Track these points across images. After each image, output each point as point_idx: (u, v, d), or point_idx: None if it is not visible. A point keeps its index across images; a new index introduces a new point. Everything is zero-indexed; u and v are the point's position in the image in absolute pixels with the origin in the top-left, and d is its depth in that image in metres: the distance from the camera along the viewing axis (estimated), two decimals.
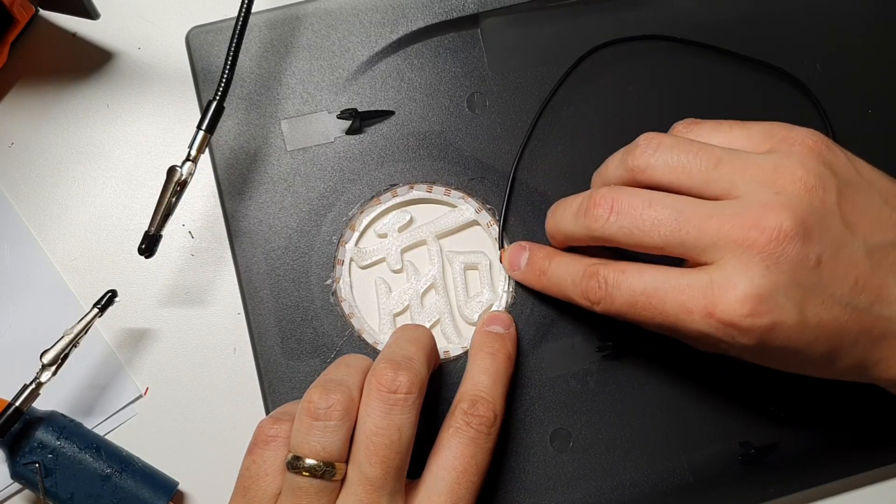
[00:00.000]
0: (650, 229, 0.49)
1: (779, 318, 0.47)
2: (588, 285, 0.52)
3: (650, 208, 0.49)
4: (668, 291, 0.49)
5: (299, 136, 0.60)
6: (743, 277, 0.47)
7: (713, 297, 0.47)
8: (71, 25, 0.63)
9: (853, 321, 0.48)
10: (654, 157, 0.51)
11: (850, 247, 0.49)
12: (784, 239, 0.47)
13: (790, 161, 0.49)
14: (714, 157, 0.50)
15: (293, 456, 0.48)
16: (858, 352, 0.50)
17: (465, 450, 0.52)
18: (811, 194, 0.48)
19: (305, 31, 0.61)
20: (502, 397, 0.55)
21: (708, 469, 0.58)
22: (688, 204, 0.49)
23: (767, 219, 0.47)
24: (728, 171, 0.50)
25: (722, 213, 0.48)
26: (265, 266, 0.59)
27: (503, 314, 0.59)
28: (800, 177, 0.49)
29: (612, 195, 0.51)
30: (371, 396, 0.49)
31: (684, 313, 0.48)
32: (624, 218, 0.50)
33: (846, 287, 0.48)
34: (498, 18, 0.62)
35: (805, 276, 0.47)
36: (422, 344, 0.53)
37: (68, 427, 0.57)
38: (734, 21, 0.63)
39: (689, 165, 0.50)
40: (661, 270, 0.50)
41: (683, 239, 0.49)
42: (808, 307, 0.47)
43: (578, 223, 0.52)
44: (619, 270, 0.51)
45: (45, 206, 0.62)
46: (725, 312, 0.47)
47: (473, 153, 0.61)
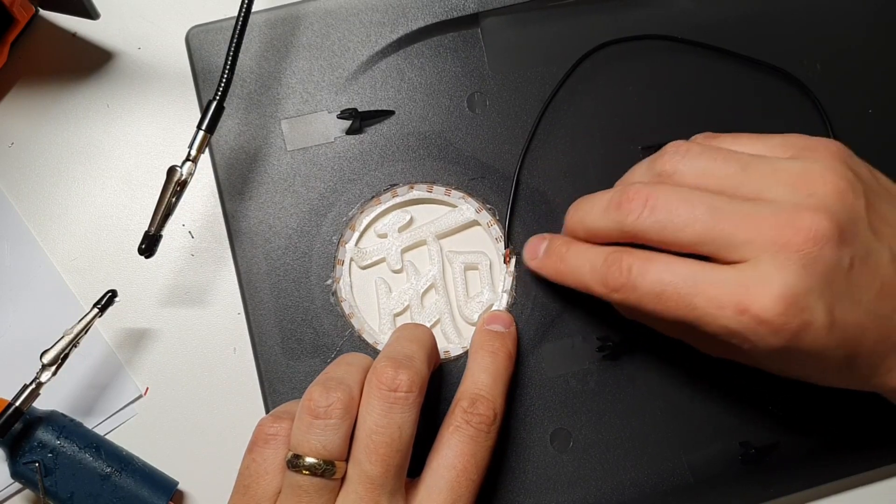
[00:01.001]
0: (684, 225, 0.49)
1: (810, 319, 0.46)
2: (609, 271, 0.51)
3: (685, 204, 0.49)
4: (700, 284, 0.48)
5: (299, 135, 0.60)
6: (778, 276, 0.46)
7: (748, 293, 0.46)
8: (71, 25, 0.63)
9: (874, 327, 0.48)
10: (683, 162, 0.51)
11: (877, 253, 0.48)
12: (820, 240, 0.46)
13: (818, 165, 0.49)
14: (742, 162, 0.50)
15: (293, 454, 0.48)
16: (874, 359, 0.49)
17: (465, 448, 0.52)
18: (842, 198, 0.48)
19: (305, 30, 0.61)
20: (502, 396, 0.54)
21: (708, 469, 0.58)
22: (723, 201, 0.49)
23: (803, 219, 0.47)
24: (757, 175, 0.50)
25: (757, 212, 0.48)
26: (265, 266, 0.59)
27: (503, 313, 0.59)
28: (830, 180, 0.48)
29: (648, 190, 0.50)
30: (372, 395, 0.49)
31: (715, 308, 0.47)
32: (659, 213, 0.49)
33: (872, 293, 0.48)
34: (498, 18, 0.62)
35: (838, 279, 0.47)
36: (423, 343, 0.53)
37: (68, 426, 0.57)
38: (734, 21, 0.63)
39: (717, 171, 0.50)
40: (692, 263, 0.49)
41: (717, 236, 0.48)
42: (837, 311, 0.47)
43: (608, 217, 0.52)
44: (646, 259, 0.50)
45: (45, 206, 0.62)
46: (761, 309, 0.46)
47: (474, 153, 0.61)
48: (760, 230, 0.47)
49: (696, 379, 0.59)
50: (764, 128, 0.60)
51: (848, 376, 0.51)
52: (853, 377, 0.51)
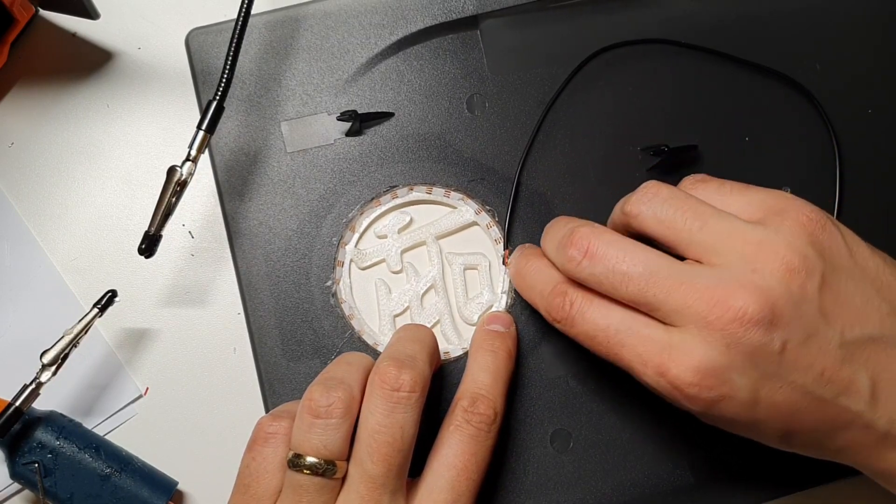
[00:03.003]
0: (619, 283, 0.48)
1: (728, 393, 0.46)
2: (552, 302, 0.51)
3: (622, 263, 0.48)
4: (628, 337, 0.48)
5: (299, 137, 0.60)
6: (699, 349, 0.46)
7: (668, 358, 0.46)
8: (71, 25, 0.63)
9: (813, 408, 0.47)
10: (646, 206, 0.50)
11: (822, 337, 0.47)
12: (747, 322, 0.45)
13: (777, 237, 0.47)
14: (701, 220, 0.49)
15: (294, 454, 0.48)
16: (818, 436, 0.48)
17: (465, 447, 0.51)
18: (790, 277, 0.46)
19: (305, 32, 0.61)
20: (503, 395, 0.54)
21: (709, 470, 0.58)
22: (662, 265, 0.48)
23: (735, 299, 0.45)
24: (712, 236, 0.48)
25: (693, 281, 0.47)
26: (265, 268, 0.58)
27: (503, 314, 0.58)
28: (782, 255, 0.47)
29: (590, 239, 0.49)
30: (374, 394, 0.49)
31: (639, 364, 0.47)
32: (596, 265, 0.49)
33: (810, 377, 0.46)
34: (497, 20, 0.62)
35: (765, 360, 0.46)
36: (424, 343, 0.53)
37: (68, 427, 0.56)
38: (734, 23, 0.63)
39: (676, 223, 0.49)
40: (627, 314, 0.49)
41: (649, 300, 0.47)
42: (762, 389, 0.46)
43: (556, 255, 0.51)
44: (588, 299, 0.50)
45: (45, 206, 0.61)
46: (676, 377, 0.46)
47: (473, 155, 0.60)
48: (690, 301, 0.46)
49: None
50: (765, 129, 0.61)
51: (795, 446, 0.50)
52: (801, 447, 0.50)
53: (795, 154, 0.60)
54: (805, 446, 0.50)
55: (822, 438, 0.48)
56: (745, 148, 0.61)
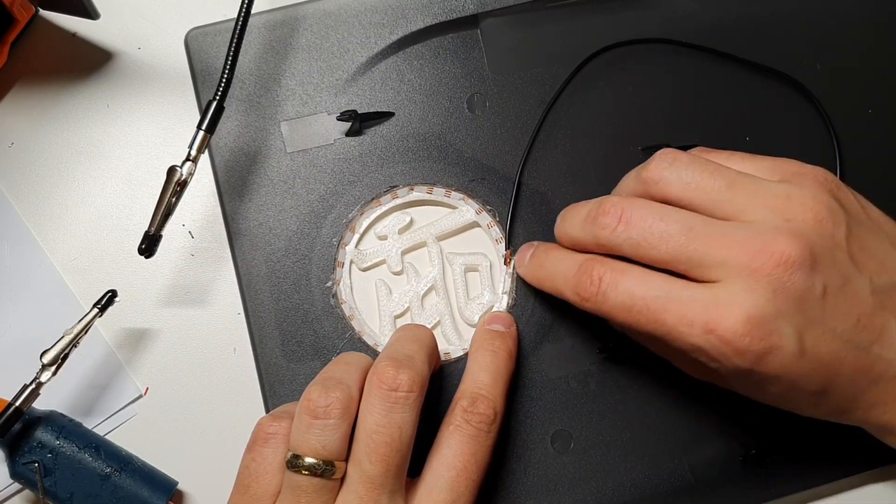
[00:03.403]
0: (658, 242, 0.48)
1: (777, 343, 0.46)
2: (580, 280, 0.50)
3: (660, 221, 0.48)
4: (670, 301, 0.47)
5: (299, 137, 0.59)
6: (747, 299, 0.46)
7: (716, 313, 0.46)
8: (71, 25, 0.63)
9: (851, 359, 0.47)
10: (669, 170, 0.50)
11: (855, 283, 0.48)
12: (791, 266, 0.46)
13: (802, 192, 0.48)
14: (728, 179, 0.49)
15: (293, 454, 0.48)
16: (852, 391, 0.48)
17: (464, 447, 0.51)
18: (821, 226, 0.47)
19: (305, 32, 0.61)
20: (503, 395, 0.54)
21: (709, 470, 0.57)
22: (698, 221, 0.48)
23: (776, 244, 0.46)
24: (740, 194, 0.49)
25: (732, 233, 0.47)
26: (265, 268, 0.58)
27: (504, 314, 0.58)
28: (811, 207, 0.48)
29: (623, 204, 0.49)
30: (372, 394, 0.48)
31: (684, 325, 0.47)
32: (633, 229, 0.49)
33: (849, 323, 0.47)
34: (497, 19, 0.61)
35: (809, 306, 0.46)
36: (423, 343, 0.53)
37: (67, 427, 0.56)
38: (734, 22, 0.62)
39: (702, 183, 0.49)
40: (665, 279, 0.48)
41: (691, 255, 0.47)
42: (807, 337, 0.46)
43: (586, 230, 0.51)
44: (619, 271, 0.49)
45: (45, 206, 0.61)
46: (727, 330, 0.46)
47: (473, 154, 0.60)
48: (733, 253, 0.47)
49: (697, 379, 0.57)
50: (765, 129, 0.61)
51: (826, 407, 0.50)
52: (831, 409, 0.50)
53: (795, 153, 0.59)
54: (836, 407, 0.50)
55: (856, 394, 0.49)
56: (746, 147, 0.60)
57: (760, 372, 0.46)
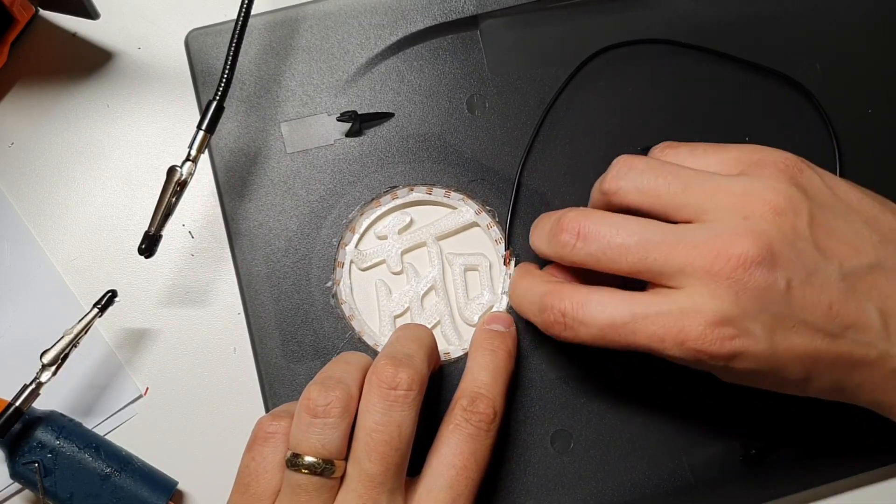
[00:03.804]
0: (617, 256, 0.48)
1: (747, 341, 0.46)
2: (545, 318, 0.50)
3: (616, 235, 0.48)
4: (636, 321, 0.47)
5: (299, 138, 0.59)
6: (710, 304, 0.46)
7: (683, 325, 0.46)
8: (71, 25, 0.62)
9: (828, 347, 0.47)
10: (625, 180, 0.50)
11: (822, 272, 0.47)
12: (750, 266, 0.46)
13: (760, 184, 0.48)
14: (683, 181, 0.49)
15: (292, 453, 0.47)
16: (835, 375, 0.48)
17: (464, 446, 0.50)
18: (780, 219, 0.47)
19: (305, 33, 0.60)
20: (502, 394, 0.53)
21: (709, 470, 0.57)
22: (655, 231, 0.48)
23: (734, 246, 0.46)
24: (697, 196, 0.49)
25: (689, 239, 0.47)
26: (265, 269, 0.58)
27: (504, 314, 0.57)
28: (769, 200, 0.47)
29: (580, 220, 0.49)
30: (372, 393, 0.48)
31: (656, 342, 0.47)
32: (591, 244, 0.49)
33: (819, 312, 0.47)
34: (497, 20, 0.61)
35: (774, 302, 0.46)
36: (423, 342, 0.52)
37: (67, 427, 0.56)
38: (734, 23, 0.62)
39: (658, 189, 0.49)
40: (627, 299, 0.48)
41: (651, 266, 0.47)
42: (778, 333, 0.46)
43: (550, 247, 0.51)
44: (579, 304, 0.49)
45: (45, 206, 0.61)
46: (696, 340, 0.46)
47: (473, 155, 0.60)
48: (691, 259, 0.47)
49: (697, 380, 0.56)
50: (765, 129, 0.61)
51: (811, 390, 0.50)
52: (819, 391, 0.50)
53: (795, 154, 0.60)
54: (825, 389, 0.49)
55: (841, 378, 0.48)
56: None
57: (738, 368, 0.47)
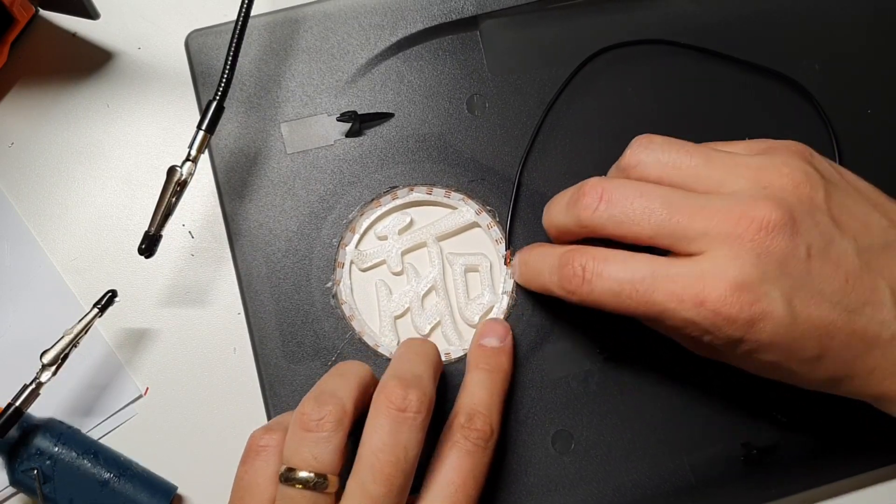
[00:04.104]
0: (640, 218, 0.48)
1: (768, 307, 0.45)
2: (563, 273, 0.50)
3: (641, 198, 0.48)
4: (657, 280, 0.47)
5: (299, 138, 0.59)
6: (732, 267, 0.46)
7: (704, 285, 0.46)
8: (71, 25, 0.62)
9: (844, 322, 0.47)
10: (645, 153, 0.50)
11: (839, 244, 0.47)
12: (773, 230, 0.46)
13: (776, 160, 0.49)
14: (704, 156, 0.50)
15: (286, 468, 0.47)
16: (848, 355, 0.48)
17: (462, 464, 0.50)
18: (799, 189, 0.48)
19: (304, 34, 0.60)
20: (499, 411, 0.53)
21: (710, 470, 0.57)
22: (677, 195, 0.48)
23: (756, 210, 0.46)
24: (717, 168, 0.49)
25: (712, 204, 0.47)
26: (265, 269, 0.57)
27: (499, 324, 0.57)
28: (786, 173, 0.48)
29: (603, 184, 0.49)
30: (380, 413, 0.47)
31: (674, 302, 0.46)
32: (614, 207, 0.48)
33: (836, 284, 0.47)
34: (497, 20, 0.60)
35: (794, 267, 0.46)
36: (430, 361, 0.52)
37: (66, 433, 0.55)
38: (733, 23, 0.62)
39: (679, 162, 0.50)
40: (648, 259, 0.48)
41: (673, 229, 0.47)
42: (797, 300, 0.46)
43: (569, 214, 0.51)
44: (601, 258, 0.49)
45: (45, 206, 0.60)
46: (716, 301, 0.45)
47: (473, 155, 0.59)
48: (714, 222, 0.47)
49: (698, 380, 0.57)
50: (764, 130, 0.60)
51: (823, 375, 0.49)
52: (828, 376, 0.49)
53: None
54: (834, 375, 0.49)
55: (853, 358, 0.48)
56: None
57: (753, 339, 0.46)
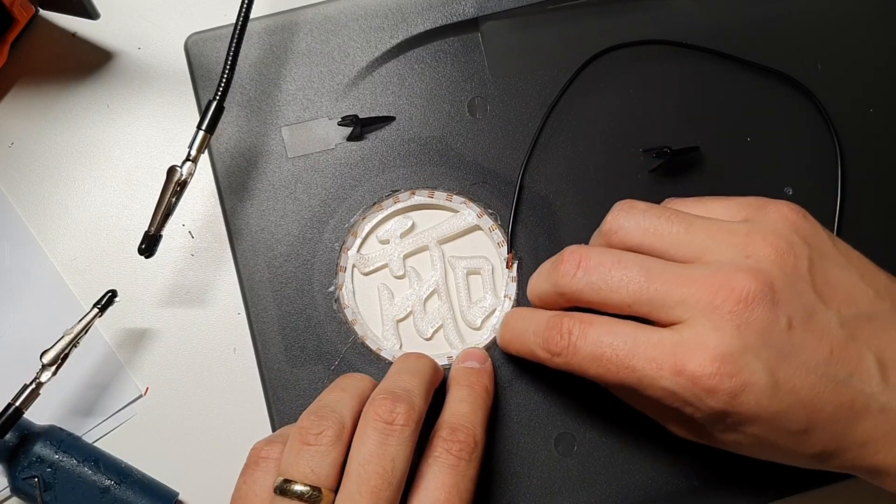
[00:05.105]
0: (618, 286, 0.47)
1: (749, 379, 0.44)
2: (549, 336, 0.48)
3: (618, 265, 0.47)
4: (637, 346, 0.45)
5: (300, 142, 0.57)
6: (712, 336, 0.44)
7: (684, 353, 0.44)
8: (71, 25, 0.61)
9: (830, 392, 0.45)
10: (626, 219, 0.49)
11: (822, 315, 0.46)
12: (752, 301, 0.44)
13: (763, 228, 0.47)
14: (685, 222, 0.48)
15: (282, 479, 0.46)
16: (836, 427, 0.46)
17: (446, 479, 0.48)
18: (782, 259, 0.46)
19: (305, 37, 0.58)
20: (482, 425, 0.51)
21: (713, 472, 0.56)
22: (656, 263, 0.47)
23: (736, 280, 0.45)
24: (699, 235, 0.48)
25: (691, 273, 0.46)
26: (268, 273, 0.56)
27: (478, 350, 0.56)
28: (771, 241, 0.46)
29: (581, 251, 0.48)
30: (367, 426, 0.46)
31: (653, 369, 0.45)
32: (591, 273, 0.47)
33: (821, 356, 0.45)
34: (498, 22, 0.59)
35: (776, 340, 0.44)
36: (423, 377, 0.51)
37: (66, 441, 0.54)
38: (735, 23, 0.60)
39: (660, 228, 0.48)
40: (632, 325, 0.47)
41: (652, 297, 0.46)
42: (780, 372, 0.44)
43: (548, 280, 0.50)
44: (587, 322, 0.47)
45: (45, 206, 0.59)
46: (695, 370, 0.44)
47: (475, 158, 0.58)
48: (693, 291, 0.45)
49: None
50: (766, 130, 0.59)
51: (812, 450, 0.47)
52: (818, 451, 0.47)
53: (797, 155, 0.59)
54: (825, 446, 0.46)
55: (842, 431, 0.46)
56: (747, 149, 0.59)
57: (736, 412, 0.45)
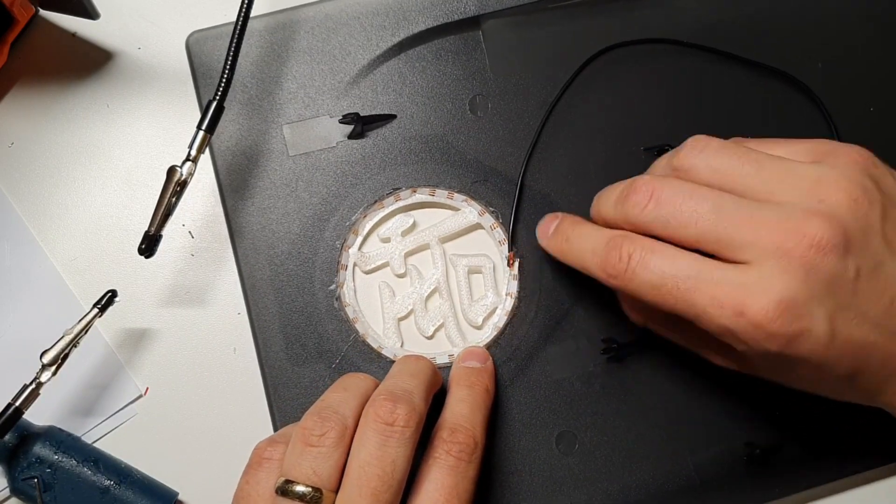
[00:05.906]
0: (688, 221, 0.45)
1: (808, 327, 0.42)
2: (608, 257, 0.47)
3: (690, 200, 0.45)
4: (701, 281, 0.44)
5: (301, 141, 0.56)
6: (779, 281, 0.42)
7: (747, 295, 0.42)
8: (71, 25, 0.60)
9: (882, 343, 0.44)
10: (699, 158, 0.47)
11: (888, 266, 0.44)
12: (824, 248, 0.42)
13: (835, 172, 0.45)
14: (758, 163, 0.46)
15: (284, 480, 0.45)
16: (882, 375, 0.45)
17: (446, 480, 0.47)
18: (855, 207, 0.44)
19: (306, 35, 0.57)
20: (482, 425, 0.50)
21: (713, 470, 0.55)
22: (728, 201, 0.45)
23: (808, 226, 0.43)
24: (771, 177, 0.45)
25: (763, 214, 0.44)
26: (268, 272, 0.55)
27: (479, 349, 0.55)
28: (844, 187, 0.44)
29: (654, 183, 0.46)
30: (368, 427, 0.45)
31: (714, 307, 0.43)
32: (663, 207, 0.45)
33: (881, 307, 0.43)
34: (499, 20, 0.58)
35: (841, 289, 0.43)
36: (423, 378, 0.49)
37: (66, 441, 0.53)
38: (736, 22, 0.60)
39: (732, 169, 0.46)
40: (695, 258, 0.45)
41: (721, 235, 0.44)
42: (839, 321, 0.43)
43: (617, 209, 0.48)
44: (648, 248, 0.46)
45: (45, 206, 0.58)
46: (757, 313, 0.42)
47: (476, 156, 0.57)
48: (764, 233, 0.43)
49: (701, 380, 0.55)
50: (766, 129, 0.58)
51: (854, 392, 0.47)
52: (859, 393, 0.47)
53: None
54: (866, 390, 0.46)
55: (886, 377, 0.45)
56: None
57: (789, 355, 0.43)
